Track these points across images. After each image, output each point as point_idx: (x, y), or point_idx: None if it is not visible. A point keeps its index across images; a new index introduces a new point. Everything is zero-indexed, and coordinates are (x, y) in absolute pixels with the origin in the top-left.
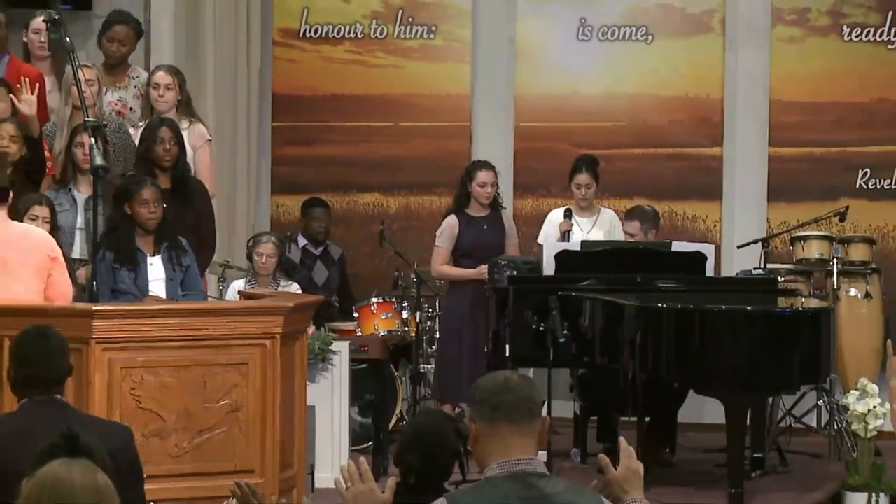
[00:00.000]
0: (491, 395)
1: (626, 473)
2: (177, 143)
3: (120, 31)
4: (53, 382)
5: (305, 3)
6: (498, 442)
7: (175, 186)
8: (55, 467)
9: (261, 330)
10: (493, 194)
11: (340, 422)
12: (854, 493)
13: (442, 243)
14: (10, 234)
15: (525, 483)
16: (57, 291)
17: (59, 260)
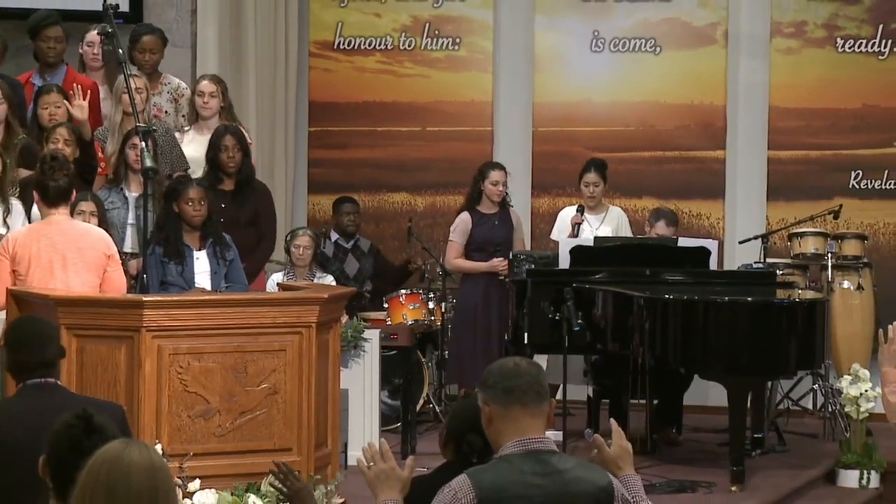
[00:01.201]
0: (503, 379)
1: (618, 451)
2: (240, 150)
3: (148, 42)
4: (44, 366)
5: (339, 17)
6: (511, 423)
7: (237, 189)
8: (113, 447)
9: (298, 319)
10: (503, 192)
11: (371, 404)
12: (847, 471)
13: (456, 238)
14: (71, 233)
15: (539, 459)
16: (112, 286)
17: (115, 257)
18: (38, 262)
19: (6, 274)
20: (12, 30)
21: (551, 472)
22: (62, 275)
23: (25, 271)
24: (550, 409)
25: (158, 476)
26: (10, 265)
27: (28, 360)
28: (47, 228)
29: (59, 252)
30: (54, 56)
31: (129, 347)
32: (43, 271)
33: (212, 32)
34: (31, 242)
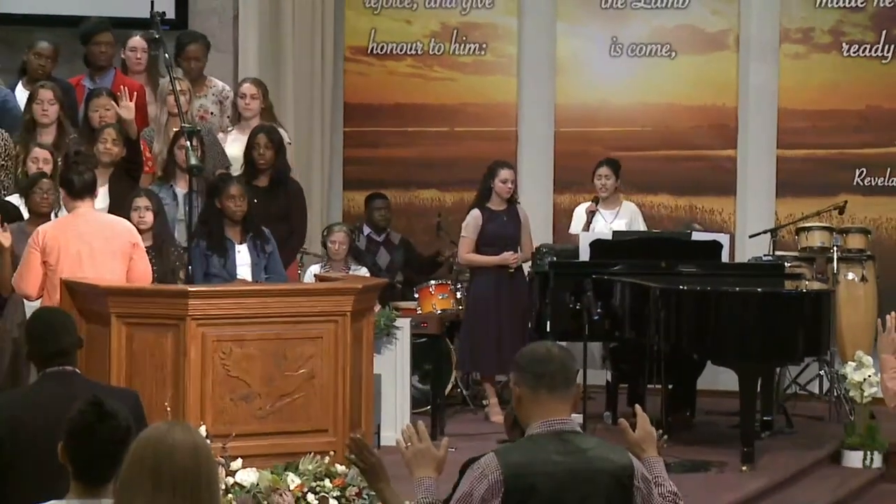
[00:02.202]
0: (534, 364)
1: (642, 435)
2: (272, 148)
3: (193, 50)
4: (61, 354)
5: (373, 23)
6: (539, 406)
7: (271, 185)
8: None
9: (334, 308)
10: (512, 190)
11: (402, 388)
12: (851, 451)
13: (468, 234)
14: (96, 224)
15: (563, 439)
16: (137, 274)
17: (140, 246)
18: (66, 252)
19: (37, 265)
20: (65, 36)
21: (574, 450)
22: (90, 264)
23: (55, 262)
24: (577, 394)
25: (201, 455)
26: (41, 257)
27: (46, 349)
28: (74, 220)
29: (87, 242)
30: (104, 61)
31: (175, 335)
32: (71, 261)
33: (253, 38)
34: (59, 234)
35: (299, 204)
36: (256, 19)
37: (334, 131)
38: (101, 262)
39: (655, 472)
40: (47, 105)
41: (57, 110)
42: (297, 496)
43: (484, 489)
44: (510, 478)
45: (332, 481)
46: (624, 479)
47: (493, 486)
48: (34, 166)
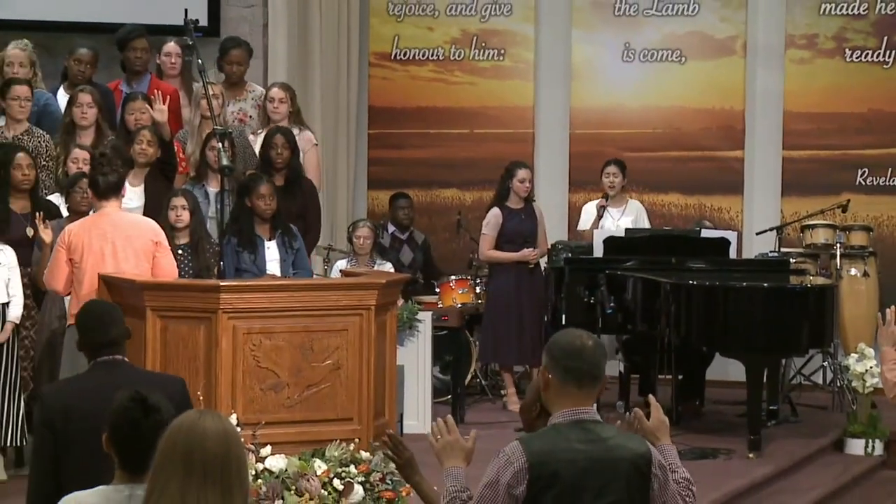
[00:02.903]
0: (566, 358)
1: (656, 423)
2: (288, 148)
3: (235, 54)
4: (111, 344)
5: (396, 30)
6: (564, 397)
7: (287, 184)
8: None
9: (358, 302)
10: (529, 189)
11: (424, 378)
12: (854, 439)
13: (488, 232)
14: (120, 223)
15: (584, 428)
16: (161, 271)
17: (163, 244)
18: (90, 250)
19: (63, 262)
20: (103, 42)
21: (595, 439)
22: (112, 262)
23: (80, 259)
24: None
25: (231, 442)
26: (67, 254)
27: (96, 339)
28: (99, 220)
29: (109, 241)
30: (140, 66)
31: (207, 327)
32: (95, 259)
33: (281, 44)
34: (83, 233)
35: (314, 202)
36: (285, 26)
37: (359, 133)
38: (123, 259)
39: (669, 458)
40: (86, 108)
41: (95, 113)
42: (324, 481)
43: (510, 475)
44: (535, 465)
45: (356, 467)
46: (642, 467)
47: (519, 472)
48: (74, 167)
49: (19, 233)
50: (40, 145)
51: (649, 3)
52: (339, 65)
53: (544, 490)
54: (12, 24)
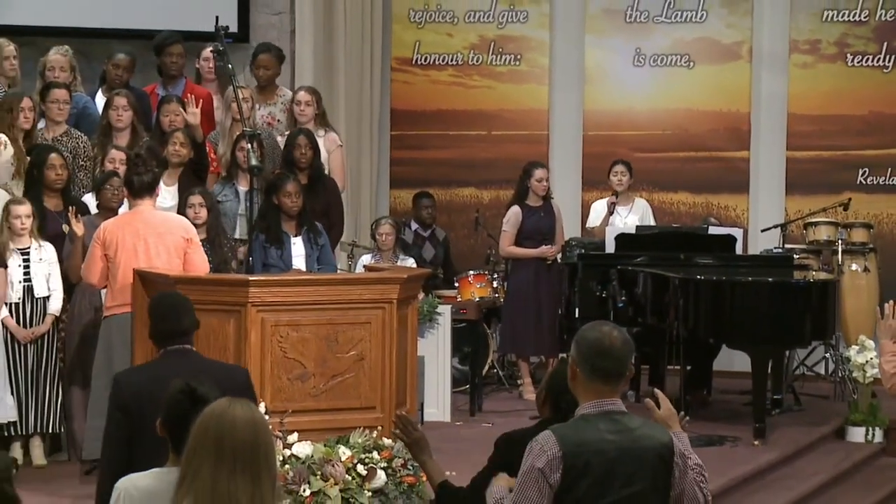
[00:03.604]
0: (594, 357)
1: (666, 413)
2: (311, 149)
3: (264, 59)
4: (182, 334)
5: (417, 36)
6: (591, 391)
7: (310, 182)
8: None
9: (381, 296)
10: (547, 187)
11: (444, 369)
12: (854, 427)
13: (509, 229)
14: (152, 220)
15: (612, 419)
16: (193, 266)
17: (194, 241)
18: (123, 246)
19: (99, 257)
20: (139, 48)
21: (623, 429)
22: (144, 257)
23: (114, 255)
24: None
25: (259, 429)
26: (102, 250)
27: (168, 329)
28: (132, 217)
29: (142, 238)
30: (176, 70)
31: (237, 320)
32: (128, 255)
33: (308, 50)
34: (117, 230)
35: (337, 200)
36: (311, 33)
37: (382, 135)
38: (155, 255)
39: (682, 446)
40: (122, 111)
41: (131, 116)
42: (348, 467)
43: (544, 463)
44: (568, 455)
45: (379, 454)
46: (666, 456)
47: (553, 460)
48: (111, 167)
49: (54, 229)
50: (78, 146)
51: (659, 10)
52: (363, 69)
53: (577, 479)
54: (53, 30)
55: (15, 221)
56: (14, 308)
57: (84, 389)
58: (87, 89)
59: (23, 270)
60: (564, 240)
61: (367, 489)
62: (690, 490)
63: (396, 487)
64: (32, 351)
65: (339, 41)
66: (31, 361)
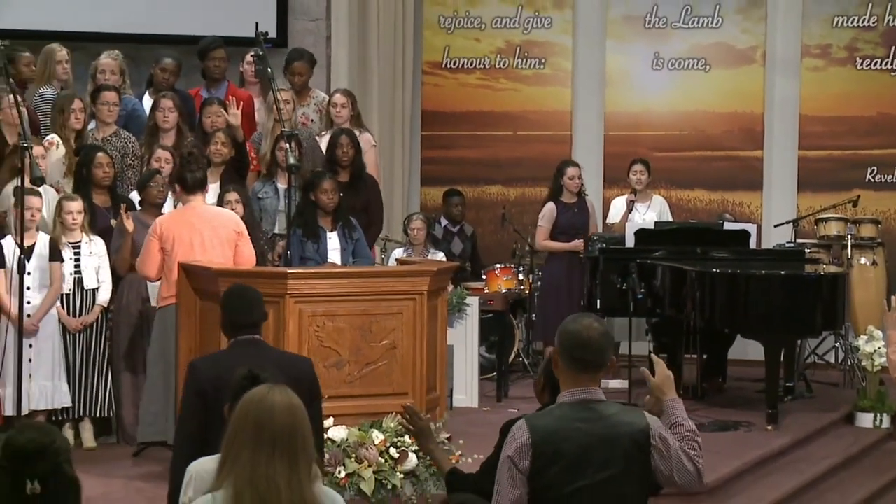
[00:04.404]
0: (574, 348)
1: (661, 379)
2: (353, 148)
3: (298, 66)
4: (253, 325)
5: (447, 41)
6: (572, 379)
7: (351, 180)
8: (260, 390)
9: (412, 288)
10: (579, 185)
11: (472, 357)
12: (863, 413)
13: (544, 224)
14: (206, 215)
15: (587, 407)
16: (242, 258)
17: (244, 234)
18: (180, 240)
19: (156, 251)
20: (185, 53)
21: (597, 417)
22: (200, 250)
23: (171, 248)
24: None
25: (297, 414)
26: (159, 244)
27: (240, 319)
28: (187, 212)
29: (198, 231)
30: (218, 74)
31: (276, 310)
32: (185, 248)
33: (343, 54)
34: (174, 224)
35: (376, 197)
36: (346, 38)
37: (413, 135)
38: (210, 248)
39: (675, 413)
40: (168, 113)
41: (176, 117)
42: (381, 450)
43: (513, 450)
44: (538, 442)
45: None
46: (641, 441)
47: (521, 448)
48: (157, 165)
49: (103, 225)
50: (127, 146)
51: (677, 16)
52: (395, 73)
53: (548, 465)
54: (104, 36)
55: (67, 217)
56: (65, 299)
57: (133, 376)
58: (135, 92)
59: (73, 263)
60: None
61: (399, 471)
62: (678, 463)
63: (426, 469)
64: (82, 340)
65: (373, 46)
66: (80, 349)
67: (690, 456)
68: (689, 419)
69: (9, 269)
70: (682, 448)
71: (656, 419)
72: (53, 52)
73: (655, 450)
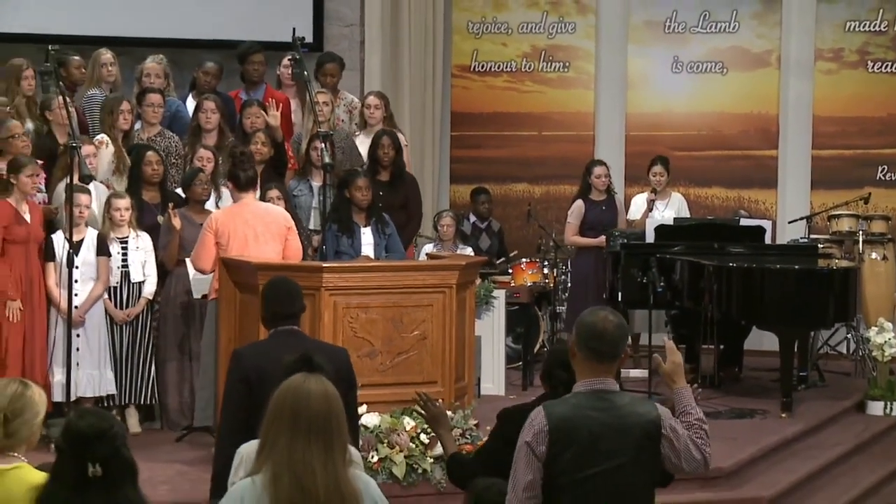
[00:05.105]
0: (589, 340)
1: (672, 367)
2: (393, 148)
3: (331, 68)
4: (292, 316)
5: (475, 46)
6: (586, 369)
7: (391, 179)
8: (297, 378)
9: (442, 281)
10: (606, 183)
11: (498, 347)
12: (874, 402)
13: (573, 220)
14: (258, 211)
15: (601, 397)
16: (291, 252)
17: (293, 229)
18: (235, 235)
19: (212, 245)
20: (225, 57)
21: (609, 407)
22: (254, 244)
23: (226, 243)
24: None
25: (332, 402)
26: (214, 238)
27: (280, 311)
28: (241, 209)
29: (251, 227)
30: (257, 77)
31: (311, 302)
32: (240, 243)
33: (376, 58)
34: (229, 220)
35: (415, 195)
36: (379, 43)
37: (443, 135)
38: (263, 242)
39: (684, 402)
40: (210, 114)
41: (218, 118)
42: (412, 436)
43: (531, 436)
44: (554, 429)
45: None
46: (651, 431)
47: (539, 434)
48: (200, 164)
49: (151, 220)
50: (171, 146)
51: (695, 21)
52: (426, 76)
53: (562, 451)
54: (149, 41)
55: (115, 213)
56: (112, 291)
57: (178, 364)
58: (178, 94)
59: (121, 257)
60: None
61: (429, 456)
62: (686, 452)
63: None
64: (127, 330)
65: (405, 51)
66: (125, 340)
67: (698, 445)
68: (697, 408)
69: (58, 262)
70: (690, 437)
71: (667, 410)
72: (100, 56)
73: (666, 439)
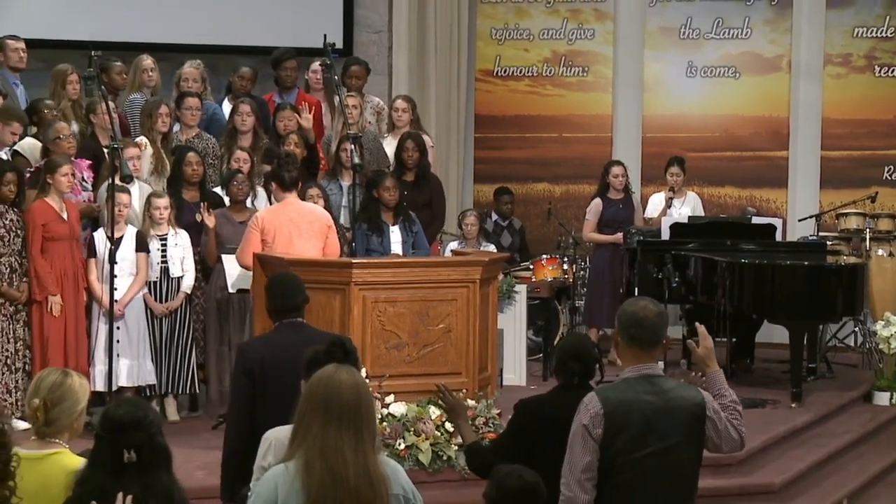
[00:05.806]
0: (631, 327)
1: (704, 352)
2: (418, 151)
3: (357, 70)
4: (295, 309)
5: (498, 51)
6: (631, 357)
7: (416, 180)
8: (329, 369)
9: (466, 276)
10: (624, 182)
11: (520, 340)
12: (880, 392)
13: (591, 218)
14: (302, 210)
15: (649, 381)
16: (331, 249)
17: (333, 227)
18: (280, 233)
19: (257, 242)
20: (260, 62)
21: (658, 391)
22: (298, 242)
23: (272, 240)
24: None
25: (362, 391)
26: (260, 236)
27: (284, 304)
28: (285, 208)
29: (296, 225)
30: (290, 81)
31: (342, 297)
32: (284, 240)
33: (403, 63)
34: (274, 219)
35: (439, 195)
36: (406, 48)
37: (467, 137)
38: (307, 239)
39: (718, 385)
40: (245, 117)
41: (253, 121)
42: (437, 424)
43: (588, 419)
44: (609, 413)
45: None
46: (698, 413)
47: (595, 417)
48: (236, 165)
49: (190, 218)
50: (208, 147)
51: (709, 27)
52: (451, 80)
53: (617, 434)
54: (187, 47)
55: (155, 212)
56: (152, 286)
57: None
58: (215, 98)
59: (160, 254)
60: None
61: (453, 443)
62: (726, 433)
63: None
64: (167, 323)
65: (431, 56)
66: (165, 332)
67: (735, 425)
68: (730, 390)
69: (100, 258)
70: (728, 418)
71: (708, 394)
72: (141, 62)
73: (710, 421)
